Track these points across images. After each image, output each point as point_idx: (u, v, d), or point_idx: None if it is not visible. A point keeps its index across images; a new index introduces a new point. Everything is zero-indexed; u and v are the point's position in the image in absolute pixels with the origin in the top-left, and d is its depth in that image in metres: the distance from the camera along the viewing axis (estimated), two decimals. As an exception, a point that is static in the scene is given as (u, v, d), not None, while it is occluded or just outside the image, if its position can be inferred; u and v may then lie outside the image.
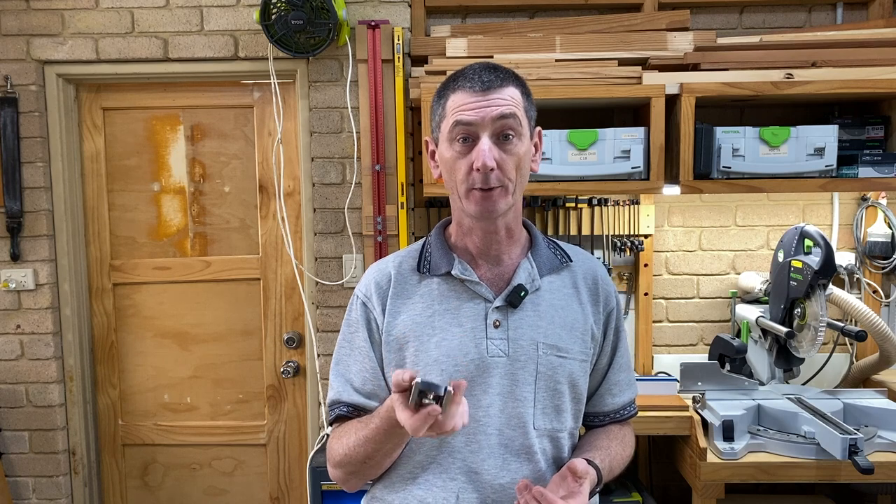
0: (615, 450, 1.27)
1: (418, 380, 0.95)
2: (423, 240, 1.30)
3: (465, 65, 1.19)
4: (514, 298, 1.18)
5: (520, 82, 1.17)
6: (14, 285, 2.42)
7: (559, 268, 1.26)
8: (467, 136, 1.13)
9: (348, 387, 1.23)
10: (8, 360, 2.46)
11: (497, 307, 1.19)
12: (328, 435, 1.28)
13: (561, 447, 1.23)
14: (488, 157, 1.10)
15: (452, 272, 1.21)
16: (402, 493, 1.19)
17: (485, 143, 1.11)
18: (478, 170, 1.11)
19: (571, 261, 1.27)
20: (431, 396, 0.95)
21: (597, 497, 1.28)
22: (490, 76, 1.13)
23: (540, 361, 1.18)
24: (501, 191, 1.14)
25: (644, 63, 2.20)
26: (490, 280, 1.22)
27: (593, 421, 1.33)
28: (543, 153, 2.08)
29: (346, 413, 1.22)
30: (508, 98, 1.13)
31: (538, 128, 1.23)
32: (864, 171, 2.08)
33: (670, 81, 2.09)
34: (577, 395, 1.24)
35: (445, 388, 0.95)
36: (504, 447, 1.17)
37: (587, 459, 1.18)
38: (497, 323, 1.18)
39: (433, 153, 1.23)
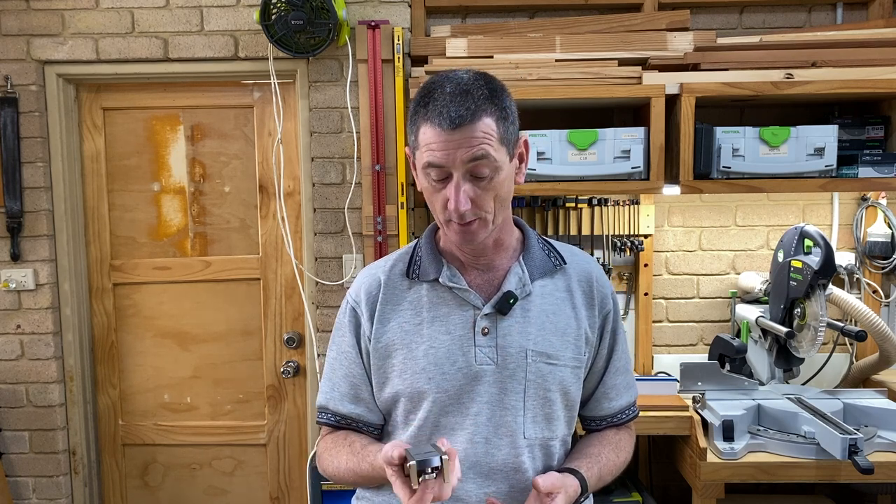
0: (606, 456, 1.24)
1: (412, 462, 0.97)
2: (414, 243, 1.28)
3: (448, 70, 1.13)
4: (503, 305, 1.16)
5: (496, 105, 1.07)
6: (14, 285, 2.42)
7: (552, 271, 1.23)
8: (439, 175, 1.08)
9: (335, 393, 1.25)
10: (8, 360, 2.46)
11: (486, 314, 1.17)
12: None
13: (552, 455, 1.21)
14: (462, 201, 1.06)
15: (440, 279, 1.19)
16: (388, 496, 1.19)
17: (455, 185, 1.06)
18: (454, 211, 1.08)
19: (566, 263, 1.24)
20: (430, 471, 0.97)
21: (591, 499, 1.27)
22: (461, 109, 1.04)
23: (529, 369, 1.16)
24: (480, 223, 1.11)
25: (644, 63, 2.20)
26: (479, 286, 1.20)
27: (590, 425, 1.31)
28: (543, 153, 2.10)
29: (335, 423, 1.25)
30: (480, 135, 1.04)
31: (524, 138, 1.16)
32: (864, 171, 2.08)
33: (670, 81, 2.09)
34: (569, 402, 1.21)
35: (441, 459, 0.97)
36: (492, 456, 1.16)
37: (571, 469, 1.17)
38: (486, 330, 1.17)
39: (415, 164, 1.18)
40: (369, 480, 1.18)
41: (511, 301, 1.17)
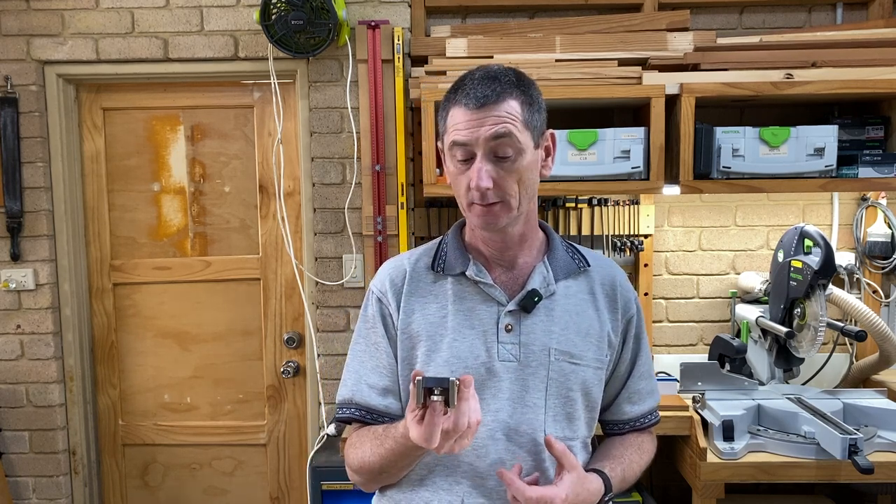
0: (629, 458, 1.25)
1: (419, 378, 0.94)
2: (439, 238, 1.29)
3: (470, 67, 1.16)
4: (528, 303, 1.17)
5: (521, 90, 1.12)
6: (14, 285, 2.42)
7: (576, 273, 1.23)
8: (465, 155, 1.11)
9: (362, 385, 1.21)
10: (8, 360, 2.46)
11: (510, 311, 1.17)
12: (328, 435, 1.28)
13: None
14: (483, 178, 1.08)
15: (467, 273, 1.20)
16: (409, 493, 1.19)
17: (479, 163, 1.09)
18: (475, 189, 1.10)
19: (589, 266, 1.25)
20: (438, 392, 0.94)
21: None
22: (487, 90, 1.09)
23: (552, 367, 1.17)
24: (502, 206, 1.12)
25: (644, 63, 2.20)
26: (504, 283, 1.20)
27: (612, 429, 1.31)
28: (543, 153, 2.10)
29: (359, 417, 1.21)
30: (504, 114, 1.08)
31: (549, 131, 1.18)
32: (864, 171, 2.08)
33: (670, 81, 2.09)
34: (590, 402, 1.22)
35: (450, 380, 0.94)
36: (511, 453, 1.15)
37: (595, 469, 1.18)
38: (509, 327, 1.17)
39: (444, 152, 1.22)
40: (397, 458, 1.12)
41: (535, 299, 1.17)
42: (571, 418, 1.19)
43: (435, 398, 0.94)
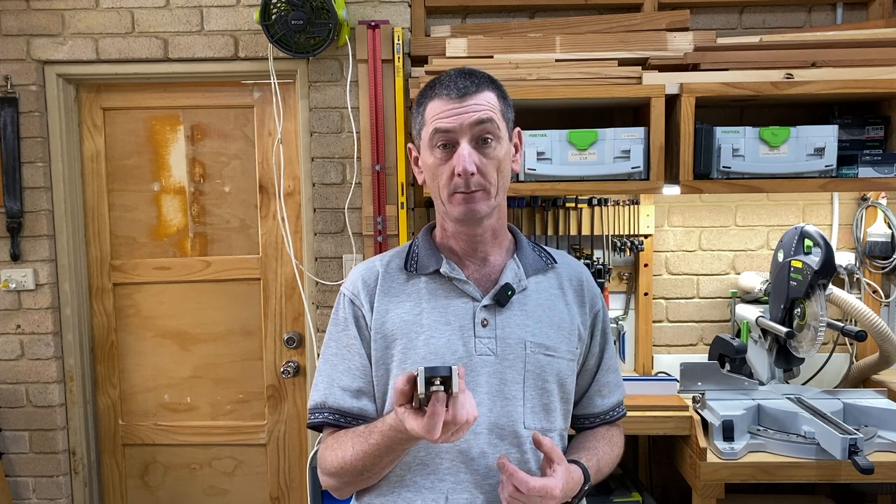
0: (602, 450, 1.28)
1: (421, 368, 0.96)
2: (409, 242, 1.31)
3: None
4: (502, 297, 1.19)
5: (496, 86, 1.19)
6: (14, 285, 2.42)
7: (544, 269, 1.27)
8: (447, 143, 1.15)
9: (335, 388, 1.21)
10: (8, 360, 2.46)
11: (485, 306, 1.20)
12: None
13: None
14: (468, 162, 1.12)
15: (441, 270, 1.22)
16: (391, 495, 1.18)
17: (464, 148, 1.13)
18: (459, 175, 1.13)
19: (556, 263, 1.29)
20: (438, 381, 0.95)
21: (584, 500, 1.28)
22: (466, 82, 1.15)
23: (528, 360, 1.19)
24: (483, 194, 1.15)
25: (644, 63, 2.20)
26: (477, 280, 1.23)
27: (584, 423, 1.34)
28: (543, 153, 2.10)
29: (332, 421, 1.20)
30: (485, 103, 1.15)
31: (517, 129, 1.24)
32: (864, 171, 2.08)
33: (670, 81, 2.09)
34: (565, 394, 1.24)
35: (450, 368, 0.95)
36: (493, 446, 1.17)
37: (573, 460, 1.19)
38: (485, 322, 1.19)
39: (416, 159, 1.25)
40: (383, 454, 1.10)
41: (509, 293, 1.20)
42: (548, 409, 1.21)
43: (435, 388, 0.95)
